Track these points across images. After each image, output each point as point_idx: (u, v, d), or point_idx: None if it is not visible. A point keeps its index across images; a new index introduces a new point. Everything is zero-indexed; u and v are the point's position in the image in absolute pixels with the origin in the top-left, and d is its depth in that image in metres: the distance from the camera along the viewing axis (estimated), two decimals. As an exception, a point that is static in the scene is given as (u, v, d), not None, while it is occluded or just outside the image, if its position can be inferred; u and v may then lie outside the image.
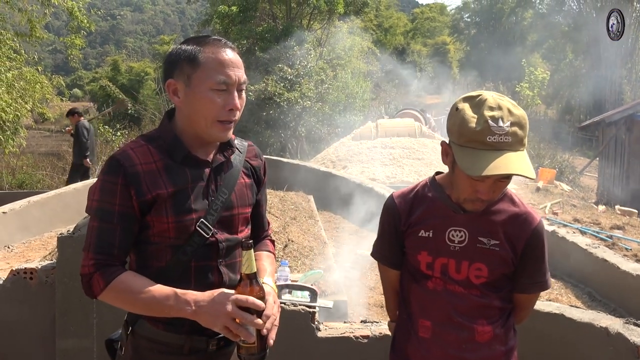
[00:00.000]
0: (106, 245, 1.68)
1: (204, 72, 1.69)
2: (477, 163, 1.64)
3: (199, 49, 1.71)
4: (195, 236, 1.72)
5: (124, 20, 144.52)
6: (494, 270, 1.82)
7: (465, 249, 1.82)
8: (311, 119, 21.48)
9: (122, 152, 1.72)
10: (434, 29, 61.69)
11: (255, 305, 1.58)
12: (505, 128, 1.64)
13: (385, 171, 12.32)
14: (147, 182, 1.68)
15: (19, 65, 15.40)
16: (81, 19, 15.52)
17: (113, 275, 1.65)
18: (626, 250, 7.22)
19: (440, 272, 1.85)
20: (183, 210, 1.71)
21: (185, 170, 1.74)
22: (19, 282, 3.29)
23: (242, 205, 1.84)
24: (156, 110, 24.66)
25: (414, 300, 1.92)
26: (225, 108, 1.71)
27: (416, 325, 1.90)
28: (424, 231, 1.87)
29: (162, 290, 1.64)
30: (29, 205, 7.26)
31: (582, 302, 5.14)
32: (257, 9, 26.38)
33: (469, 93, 1.77)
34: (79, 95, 63.31)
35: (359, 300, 5.04)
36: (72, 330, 3.10)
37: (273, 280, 1.85)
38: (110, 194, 1.68)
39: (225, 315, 1.57)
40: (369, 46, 39.10)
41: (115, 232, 1.68)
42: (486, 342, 1.84)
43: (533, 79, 24.59)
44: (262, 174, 1.96)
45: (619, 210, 11.77)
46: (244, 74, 1.76)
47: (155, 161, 1.72)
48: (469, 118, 1.67)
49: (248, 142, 1.96)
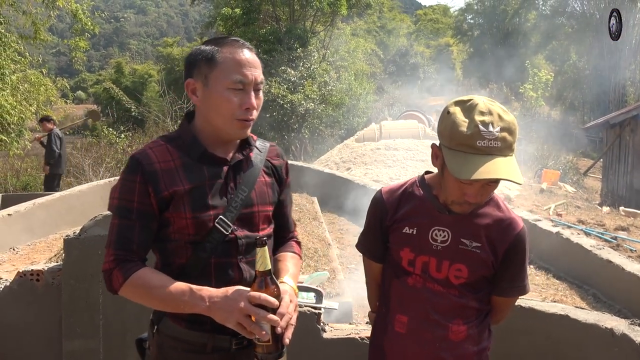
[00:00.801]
0: (125, 241, 1.73)
1: (221, 72, 1.73)
2: (466, 167, 1.67)
3: (217, 49, 1.76)
4: (214, 233, 1.75)
5: (127, 22, 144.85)
6: (474, 272, 1.85)
7: (447, 249, 1.86)
8: (314, 121, 21.54)
9: (141, 151, 1.78)
10: (437, 31, 61.64)
11: (269, 302, 1.59)
12: (495, 133, 1.67)
13: (389, 173, 12.31)
14: (165, 180, 1.73)
15: (23, 68, 15.46)
16: (85, 21, 15.58)
17: (131, 270, 1.70)
18: (631, 251, 7.21)
19: (421, 269, 1.89)
20: (200, 206, 1.75)
21: (203, 168, 1.78)
22: (26, 283, 3.30)
23: (262, 203, 1.85)
24: (160, 112, 24.65)
25: (394, 295, 1.96)
26: (241, 107, 1.74)
27: (393, 320, 1.94)
28: (408, 228, 1.91)
29: (178, 285, 1.67)
30: (33, 207, 7.28)
31: (587, 303, 5.13)
32: (260, 11, 26.44)
33: (460, 97, 1.80)
34: (82, 97, 63.53)
35: (364, 301, 5.03)
36: (79, 331, 3.12)
37: (294, 280, 1.84)
38: (129, 191, 1.74)
39: (238, 311, 1.59)
40: (372, 48, 39.19)
41: (134, 228, 1.73)
42: (460, 341, 1.88)
43: (537, 81, 24.52)
44: (283, 173, 1.97)
45: (623, 211, 11.74)
46: (260, 74, 1.79)
47: (174, 159, 1.77)
48: (460, 122, 1.70)
49: (270, 143, 1.99)
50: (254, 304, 1.59)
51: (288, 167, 2.01)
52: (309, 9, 26.36)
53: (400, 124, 16.37)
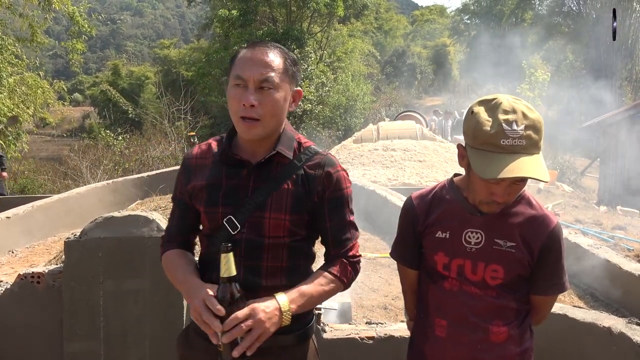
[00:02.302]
0: (170, 225, 2.02)
1: (232, 70, 1.81)
2: (491, 166, 1.66)
3: (240, 50, 1.85)
4: (223, 230, 1.81)
5: (124, 24, 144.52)
6: (510, 272, 1.83)
7: (481, 250, 1.83)
8: (312, 122, 21.56)
9: (193, 148, 2.00)
10: (434, 31, 61.66)
11: (212, 307, 1.61)
12: (519, 131, 1.65)
13: (386, 173, 12.32)
14: (195, 174, 1.90)
15: (20, 71, 15.48)
16: (82, 23, 15.60)
17: (164, 251, 1.98)
18: (628, 250, 7.23)
19: (456, 272, 1.87)
20: (211, 203, 1.84)
21: (222, 168, 1.85)
22: (27, 286, 3.31)
23: (275, 211, 1.80)
24: (157, 114, 24.64)
25: (431, 299, 1.94)
26: (240, 104, 1.77)
27: (433, 324, 1.92)
28: (441, 232, 1.89)
29: (180, 272, 1.86)
30: (32, 210, 7.28)
31: (585, 302, 5.15)
32: (257, 12, 26.45)
33: (485, 96, 1.78)
34: (79, 99, 63.37)
35: (363, 302, 5.05)
36: (80, 333, 3.13)
37: (294, 299, 1.75)
38: (176, 182, 1.99)
39: (193, 307, 1.66)
40: (369, 49, 39.20)
41: (175, 214, 2.00)
42: (501, 343, 1.85)
43: (533, 80, 24.59)
44: (318, 185, 1.85)
45: (620, 210, 11.78)
46: (269, 73, 1.77)
47: (209, 157, 1.92)
48: (484, 121, 1.69)
49: (322, 152, 1.93)
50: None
51: (332, 180, 1.87)
52: (306, 10, 26.37)
53: (398, 124, 16.39)
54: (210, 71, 28.08)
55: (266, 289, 1.78)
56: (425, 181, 10.99)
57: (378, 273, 5.81)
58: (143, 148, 18.91)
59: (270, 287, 1.80)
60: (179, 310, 3.16)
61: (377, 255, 6.31)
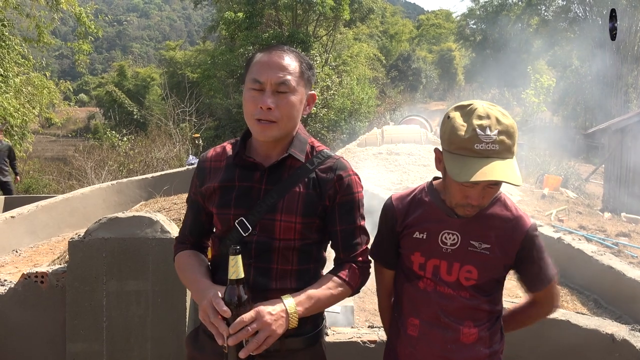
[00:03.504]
0: (184, 226, 2.06)
1: (248, 74, 1.84)
2: (465, 169, 1.69)
3: (255, 54, 1.87)
4: (234, 232, 1.84)
5: (130, 25, 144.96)
6: (484, 273, 1.87)
7: (456, 251, 1.88)
8: (316, 125, 21.58)
9: (208, 150, 2.03)
10: (440, 36, 61.77)
11: (220, 310, 1.61)
12: (493, 136, 1.69)
13: (390, 177, 12.31)
14: (210, 177, 1.94)
15: (26, 71, 15.53)
16: (88, 24, 15.64)
17: (177, 251, 2.03)
18: (632, 257, 7.22)
19: (431, 273, 1.91)
20: (223, 204, 1.87)
21: (235, 170, 1.88)
22: (30, 285, 3.32)
23: (286, 213, 1.82)
24: (162, 115, 24.72)
25: (406, 298, 1.98)
26: (257, 107, 1.79)
27: (406, 323, 1.96)
28: (418, 233, 1.93)
29: (191, 273, 1.90)
30: (37, 209, 7.31)
31: (588, 308, 5.14)
32: (263, 15, 26.49)
33: (460, 102, 1.83)
34: (85, 100, 63.57)
35: (365, 305, 5.05)
36: (83, 333, 3.13)
37: (302, 302, 1.76)
38: (191, 185, 2.03)
39: (202, 308, 1.67)
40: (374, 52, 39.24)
41: (189, 216, 2.04)
42: (471, 344, 1.89)
43: (539, 86, 24.57)
44: (329, 189, 1.86)
45: (624, 217, 11.75)
46: (286, 76, 1.80)
47: (223, 160, 1.95)
48: (459, 126, 1.73)
49: (335, 156, 1.94)
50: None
51: (343, 184, 1.88)
52: (312, 13, 26.42)
53: (402, 128, 16.39)
54: (215, 73, 28.13)
55: (275, 292, 1.79)
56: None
57: (381, 277, 5.81)
58: (148, 149, 18.97)
59: (279, 289, 1.80)
60: (182, 311, 3.16)
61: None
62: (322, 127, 21.88)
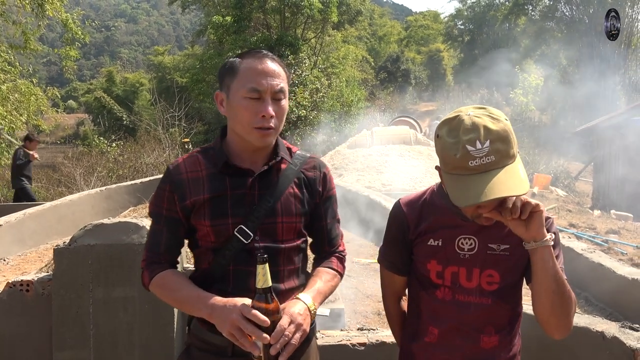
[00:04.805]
0: (155, 244, 1.90)
1: (239, 82, 1.79)
2: (464, 192, 1.60)
3: (239, 61, 1.83)
4: (234, 241, 1.80)
5: (118, 31, 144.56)
6: (506, 276, 1.80)
7: (475, 256, 1.79)
8: (306, 128, 21.56)
9: (175, 162, 1.92)
10: (428, 37, 61.96)
11: (258, 320, 1.58)
12: (485, 149, 1.57)
13: (381, 179, 12.34)
14: (190, 189, 1.84)
15: (13, 78, 15.41)
16: (75, 30, 15.57)
17: (155, 272, 1.86)
18: (622, 254, 7.25)
19: (450, 281, 1.83)
20: (219, 215, 1.81)
21: (225, 178, 1.84)
22: (15, 294, 3.28)
23: (286, 215, 1.85)
24: (151, 120, 24.62)
25: (423, 307, 1.91)
26: (257, 115, 1.77)
27: (425, 330, 1.89)
28: (433, 240, 1.84)
29: (190, 290, 1.78)
30: (24, 217, 7.24)
31: (578, 306, 5.14)
32: (251, 19, 26.46)
33: (447, 115, 1.72)
34: (73, 106, 63.30)
35: (357, 308, 5.04)
36: (69, 342, 3.10)
37: (316, 297, 1.80)
38: (161, 199, 1.89)
39: (230, 322, 1.61)
40: (363, 54, 39.28)
41: (163, 233, 1.88)
42: (490, 349, 1.84)
43: (527, 85, 24.72)
44: (318, 186, 1.95)
45: (614, 214, 11.82)
46: (281, 83, 1.81)
47: (202, 170, 1.86)
48: (449, 146, 1.62)
49: (311, 155, 2.01)
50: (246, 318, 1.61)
51: (327, 180, 1.98)
52: (300, 16, 26.41)
53: (392, 130, 16.44)
54: (204, 77, 28.08)
55: (284, 293, 1.81)
56: (420, 186, 10.98)
57: (372, 279, 5.80)
58: (137, 155, 18.88)
59: (288, 290, 1.85)
60: (170, 317, 3.14)
61: (371, 261, 6.30)
62: (312, 130, 21.85)
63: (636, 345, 2.84)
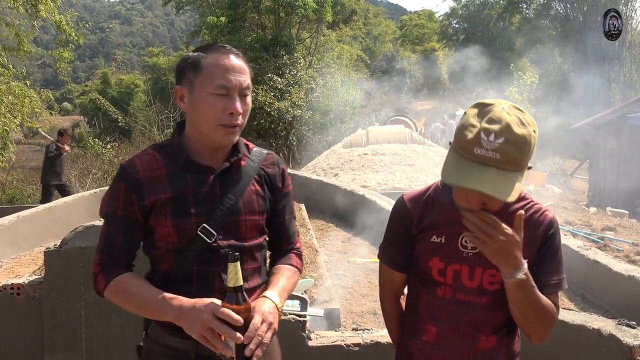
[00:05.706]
0: (109, 246, 1.80)
1: (205, 78, 1.75)
2: (454, 171, 1.59)
3: (203, 56, 1.78)
4: (197, 241, 1.76)
5: (112, 33, 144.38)
6: None
7: (478, 255, 1.75)
8: (302, 128, 21.52)
9: (129, 160, 1.83)
10: (423, 36, 61.95)
11: (231, 319, 1.56)
12: (496, 144, 1.53)
13: (376, 178, 12.32)
14: (149, 188, 1.76)
15: (7, 80, 15.32)
16: (69, 32, 15.50)
17: (112, 276, 1.76)
18: (618, 251, 7.24)
19: (452, 279, 1.80)
20: (181, 214, 1.76)
21: (186, 176, 1.79)
22: (6, 297, 3.25)
23: (249, 212, 1.83)
24: (146, 122, 24.57)
25: (422, 305, 1.88)
26: (225, 112, 1.74)
27: (423, 329, 1.87)
28: (436, 236, 1.82)
29: (152, 293, 1.70)
30: (18, 220, 7.19)
31: (575, 304, 5.13)
32: (245, 19, 26.40)
33: (486, 100, 1.66)
34: (68, 108, 63.09)
35: (352, 307, 5.01)
36: (61, 345, 3.07)
37: (282, 294, 1.80)
38: (115, 199, 1.79)
39: (201, 323, 1.58)
40: (358, 54, 39.31)
41: (118, 234, 1.80)
42: (489, 349, 1.82)
43: (522, 83, 24.69)
44: (278, 182, 1.94)
45: (610, 211, 11.82)
46: (247, 80, 1.79)
47: (160, 168, 1.79)
48: (468, 125, 1.59)
49: (267, 151, 1.98)
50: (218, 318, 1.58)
51: (285, 176, 1.98)
52: (294, 16, 26.34)
53: (387, 129, 16.43)
54: (199, 78, 27.96)
55: (249, 291, 1.77)
56: (415, 185, 10.97)
57: (368, 278, 5.78)
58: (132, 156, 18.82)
59: (251, 288, 1.82)
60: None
61: (366, 260, 6.28)
62: (308, 130, 21.81)
63: (633, 342, 2.82)
